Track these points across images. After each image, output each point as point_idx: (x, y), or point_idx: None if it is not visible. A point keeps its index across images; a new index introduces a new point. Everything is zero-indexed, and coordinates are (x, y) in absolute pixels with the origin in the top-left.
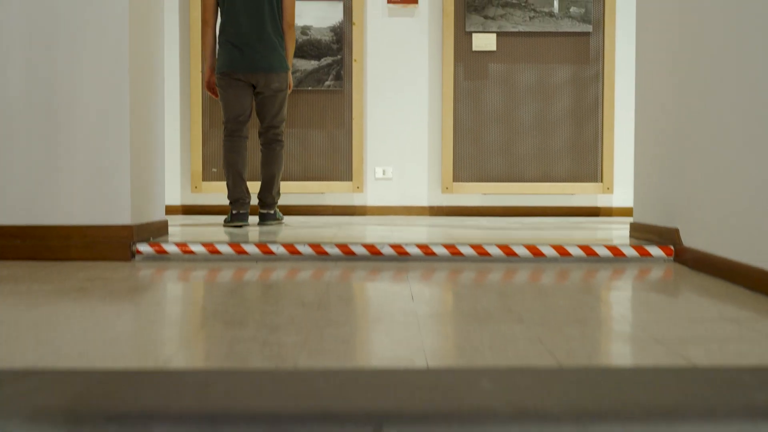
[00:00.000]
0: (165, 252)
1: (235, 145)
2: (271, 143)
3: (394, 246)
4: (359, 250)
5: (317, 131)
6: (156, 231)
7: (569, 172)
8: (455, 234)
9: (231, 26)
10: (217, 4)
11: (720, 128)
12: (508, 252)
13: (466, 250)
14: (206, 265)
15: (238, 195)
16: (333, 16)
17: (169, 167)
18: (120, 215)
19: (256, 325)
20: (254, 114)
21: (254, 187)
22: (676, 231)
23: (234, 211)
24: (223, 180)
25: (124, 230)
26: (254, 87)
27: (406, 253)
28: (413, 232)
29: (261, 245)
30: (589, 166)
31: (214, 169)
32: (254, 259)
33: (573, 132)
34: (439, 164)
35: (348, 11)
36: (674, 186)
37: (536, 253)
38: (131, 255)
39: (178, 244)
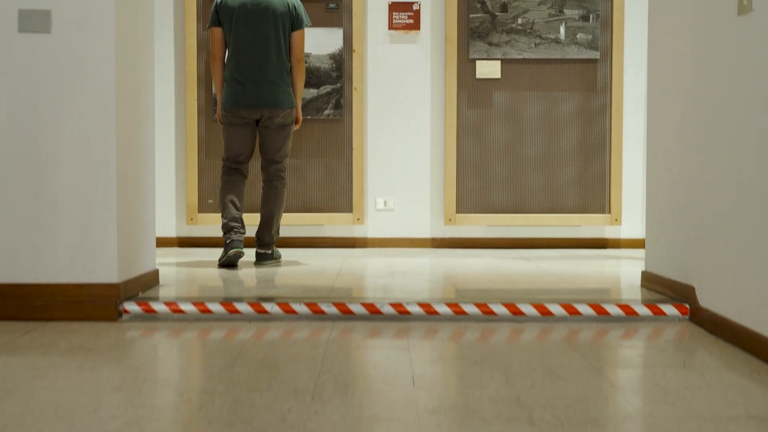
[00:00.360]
0: (153, 311)
1: (231, 180)
2: (272, 179)
3: (394, 305)
4: (358, 309)
5: (316, 161)
6: (146, 283)
7: (576, 203)
8: (458, 275)
9: (236, 61)
10: (225, 39)
11: (740, 179)
12: (515, 311)
13: (470, 309)
14: (197, 326)
15: (231, 225)
16: (332, 43)
17: (164, 199)
18: (106, 273)
19: (244, 426)
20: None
21: (253, 219)
22: (692, 289)
23: (227, 240)
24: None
25: (110, 289)
26: (258, 122)
27: (407, 312)
28: (414, 275)
29: (254, 304)
30: (596, 197)
31: (210, 201)
32: (247, 318)
33: (580, 162)
34: (441, 195)
35: (348, 38)
36: (690, 240)
37: (544, 312)
38: (118, 314)
39: (167, 303)
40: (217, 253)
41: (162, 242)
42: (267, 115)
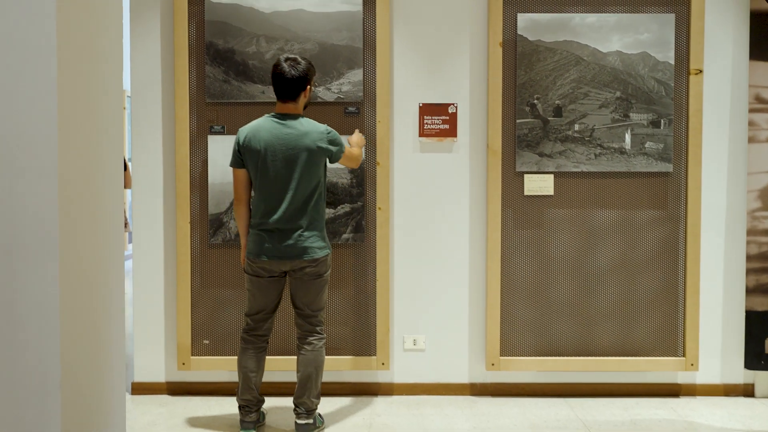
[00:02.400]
0: None
1: (250, 350)
2: (307, 336)
3: None
4: None
5: (333, 294)
6: None
7: (643, 343)
8: None
9: (262, 208)
10: (250, 180)
11: None
12: None
13: None
14: None
15: (245, 401)
16: None
17: (152, 338)
18: None
19: None
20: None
21: (279, 364)
22: None
23: (241, 418)
24: (218, 355)
25: None
26: (286, 273)
27: None
28: None
29: None
30: (667, 337)
31: (206, 341)
32: None
33: (648, 296)
34: (482, 333)
35: (371, 148)
36: None
37: None
38: None
39: None
40: (212, 402)
41: (149, 388)
42: (297, 266)
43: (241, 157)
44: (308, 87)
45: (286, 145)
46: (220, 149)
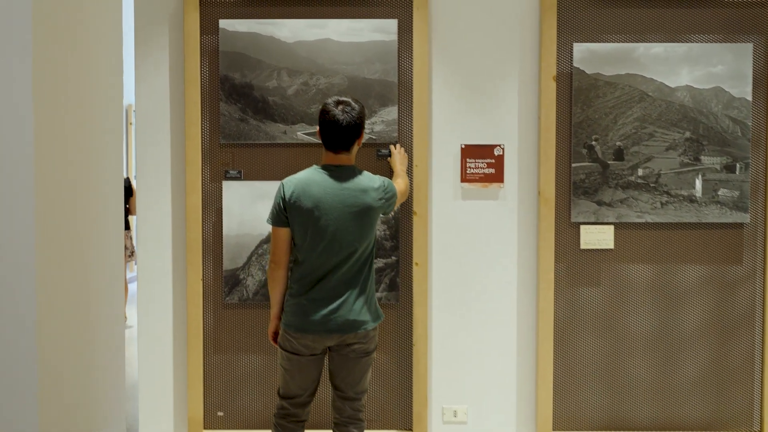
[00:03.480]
0: None
1: (286, 427)
2: (348, 424)
3: None
4: None
5: None
6: None
7: (715, 415)
8: None
9: (309, 269)
10: (293, 241)
11: None
12: None
13: None
14: None
15: None
16: None
17: (160, 409)
18: None
19: None
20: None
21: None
22: None
23: None
24: (234, 428)
25: None
26: (329, 348)
27: None
28: None
29: None
30: (742, 408)
31: (221, 413)
32: None
33: (720, 361)
34: (533, 404)
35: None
36: None
37: None
38: None
39: None
40: None
41: None
42: (345, 341)
43: (286, 214)
44: (362, 133)
45: (343, 203)
46: (236, 197)
